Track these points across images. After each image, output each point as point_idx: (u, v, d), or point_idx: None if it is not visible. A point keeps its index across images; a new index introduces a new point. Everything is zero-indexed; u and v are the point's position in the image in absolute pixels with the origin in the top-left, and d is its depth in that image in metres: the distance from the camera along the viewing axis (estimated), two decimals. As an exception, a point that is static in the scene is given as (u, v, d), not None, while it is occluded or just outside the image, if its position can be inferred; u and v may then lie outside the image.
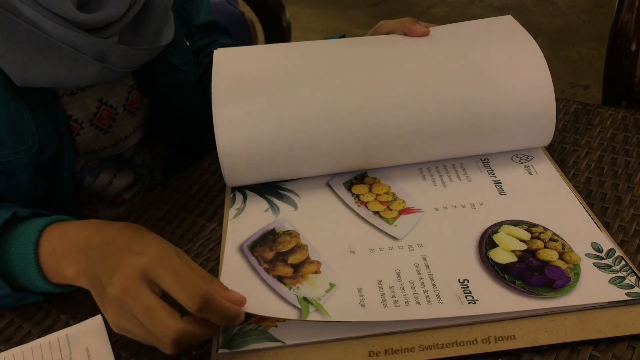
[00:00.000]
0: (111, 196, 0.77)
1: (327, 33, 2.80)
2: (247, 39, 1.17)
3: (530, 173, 0.63)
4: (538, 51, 0.63)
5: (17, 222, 0.55)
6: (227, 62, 0.66)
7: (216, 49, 0.86)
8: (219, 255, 0.59)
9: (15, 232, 0.54)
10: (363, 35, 0.72)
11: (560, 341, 0.46)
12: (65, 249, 0.51)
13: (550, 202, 0.59)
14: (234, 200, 0.64)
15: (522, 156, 0.66)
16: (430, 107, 0.61)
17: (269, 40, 1.32)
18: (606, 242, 0.54)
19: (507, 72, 0.62)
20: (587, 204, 0.59)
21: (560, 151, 0.68)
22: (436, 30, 0.68)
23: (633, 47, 1.28)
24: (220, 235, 0.62)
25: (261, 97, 0.61)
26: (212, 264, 0.59)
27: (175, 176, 0.74)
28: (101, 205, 0.77)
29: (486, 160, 0.65)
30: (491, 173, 0.64)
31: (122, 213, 0.70)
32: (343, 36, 0.82)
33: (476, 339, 0.47)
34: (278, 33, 1.32)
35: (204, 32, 0.85)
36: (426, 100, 0.61)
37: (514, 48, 0.64)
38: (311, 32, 2.77)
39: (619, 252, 0.53)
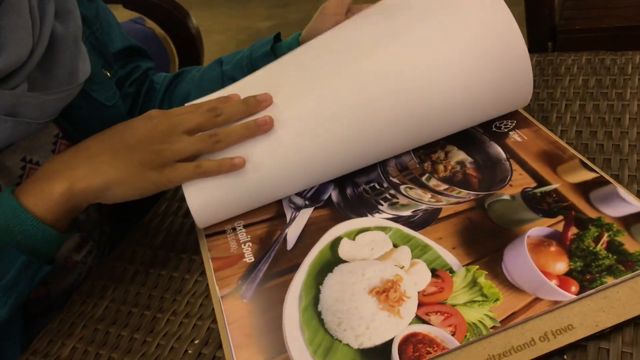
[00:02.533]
0: (60, 261, 0.66)
1: (231, 32, 2.70)
2: (163, 57, 1.07)
3: (519, 139, 0.59)
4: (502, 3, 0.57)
5: None
6: None
7: (139, 74, 0.78)
8: (213, 310, 0.51)
9: None
10: (268, 28, 0.66)
11: (622, 319, 0.42)
12: (43, 173, 0.52)
13: (553, 165, 0.55)
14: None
15: (504, 123, 0.61)
16: (404, 93, 0.55)
17: (182, 51, 1.23)
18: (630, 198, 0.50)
19: (475, 31, 0.56)
20: (588, 159, 0.56)
21: (539, 110, 0.64)
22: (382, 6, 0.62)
23: (549, -13, 1.27)
24: (207, 285, 0.54)
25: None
26: (208, 323, 0.51)
27: (128, 225, 0.65)
28: (51, 274, 0.66)
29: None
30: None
31: (82, 281, 0.61)
32: (277, 35, 0.75)
33: (533, 339, 0.42)
34: (189, 42, 1.24)
35: (123, 59, 0.76)
36: (399, 87, 0.55)
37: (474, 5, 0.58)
38: (215, 33, 2.66)
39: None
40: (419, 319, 0.45)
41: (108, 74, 0.70)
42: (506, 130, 0.61)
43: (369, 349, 0.44)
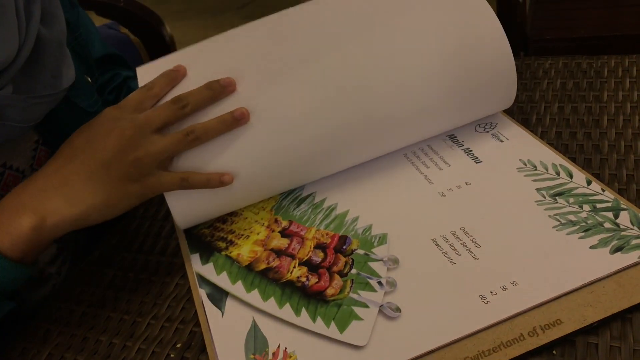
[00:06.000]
0: (35, 274, 0.64)
1: (203, 43, 2.68)
2: (138, 62, 1.05)
3: (501, 140, 0.59)
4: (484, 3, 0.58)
5: None
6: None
7: (118, 83, 0.77)
8: (195, 312, 0.50)
9: None
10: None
11: (609, 313, 0.42)
12: (9, 206, 0.48)
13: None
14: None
15: (485, 125, 0.62)
16: (389, 89, 0.55)
17: (155, 59, 1.22)
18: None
19: (458, 32, 0.56)
20: (569, 159, 0.56)
21: (518, 112, 0.65)
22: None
23: (521, -5, 1.29)
24: (188, 288, 0.53)
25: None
26: (190, 326, 0.49)
27: (102, 234, 0.63)
28: (24, 287, 0.64)
29: (454, 138, 0.61)
30: (467, 151, 0.59)
31: (56, 290, 0.59)
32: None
33: (522, 335, 0.42)
34: (162, 50, 1.22)
35: (103, 66, 0.74)
36: (385, 82, 0.55)
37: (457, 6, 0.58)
38: (187, 45, 2.64)
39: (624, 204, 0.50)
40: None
41: (89, 80, 0.69)
42: (487, 132, 0.61)
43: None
